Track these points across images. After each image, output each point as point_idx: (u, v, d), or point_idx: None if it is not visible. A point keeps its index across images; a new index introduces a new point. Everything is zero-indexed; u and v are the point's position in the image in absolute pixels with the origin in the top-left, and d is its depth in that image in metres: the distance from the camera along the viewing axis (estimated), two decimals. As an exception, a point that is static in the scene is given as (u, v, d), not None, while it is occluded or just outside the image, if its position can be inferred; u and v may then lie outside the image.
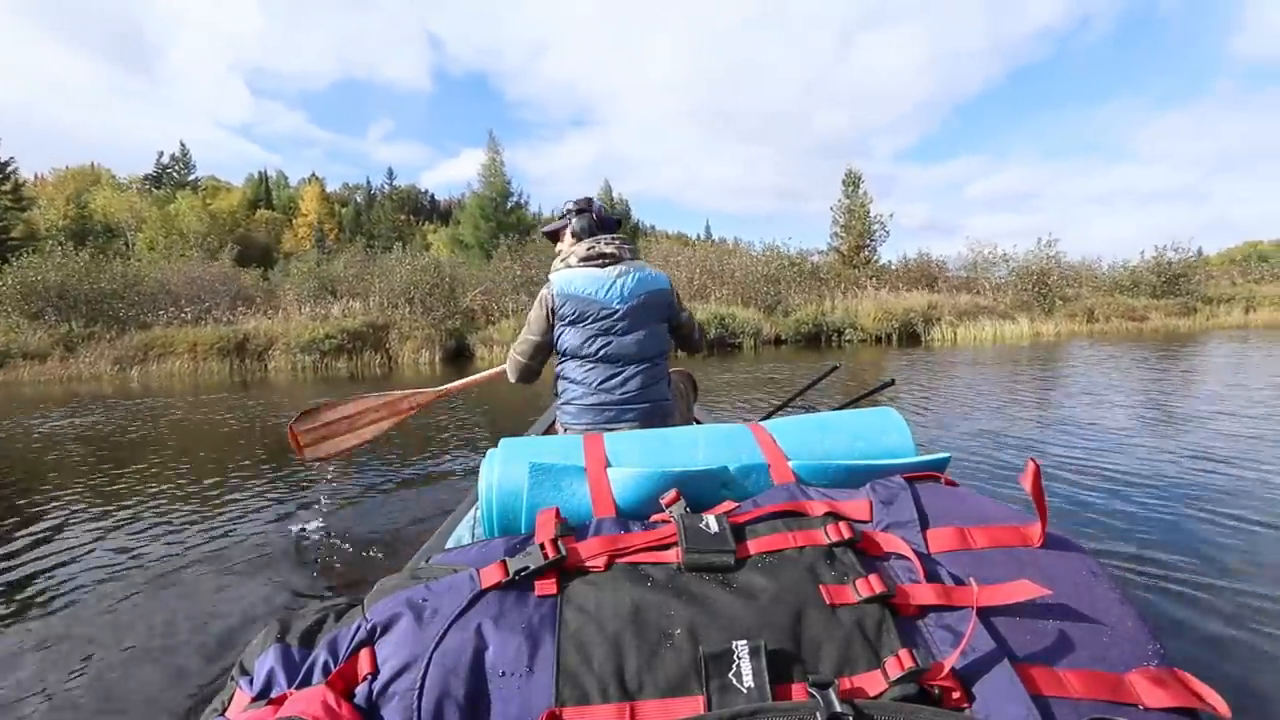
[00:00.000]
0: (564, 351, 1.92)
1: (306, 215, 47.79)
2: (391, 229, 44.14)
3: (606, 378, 1.86)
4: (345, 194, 58.93)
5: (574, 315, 1.85)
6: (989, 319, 17.18)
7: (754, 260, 20.19)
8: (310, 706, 0.59)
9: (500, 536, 0.89)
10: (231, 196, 47.06)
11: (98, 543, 2.89)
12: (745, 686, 0.60)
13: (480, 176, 27.01)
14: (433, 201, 65.43)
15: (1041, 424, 4.87)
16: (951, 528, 0.78)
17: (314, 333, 13.50)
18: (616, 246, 1.91)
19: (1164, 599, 2.04)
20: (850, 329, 16.79)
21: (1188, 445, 4.01)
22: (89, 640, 1.97)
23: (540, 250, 20.56)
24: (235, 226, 41.98)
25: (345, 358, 13.56)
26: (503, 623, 0.69)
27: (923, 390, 7.09)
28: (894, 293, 18.94)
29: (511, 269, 18.15)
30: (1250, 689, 1.59)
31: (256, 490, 3.70)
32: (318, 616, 0.75)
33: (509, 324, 15.19)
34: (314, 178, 52.13)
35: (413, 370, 12.75)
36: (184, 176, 46.39)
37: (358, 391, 10.01)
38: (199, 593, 2.32)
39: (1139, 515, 2.80)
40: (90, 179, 41.61)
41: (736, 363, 11.95)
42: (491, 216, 26.00)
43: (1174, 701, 0.57)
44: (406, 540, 2.67)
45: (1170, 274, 20.01)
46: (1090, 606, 0.67)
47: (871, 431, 1.07)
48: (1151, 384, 7.03)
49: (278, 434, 5.27)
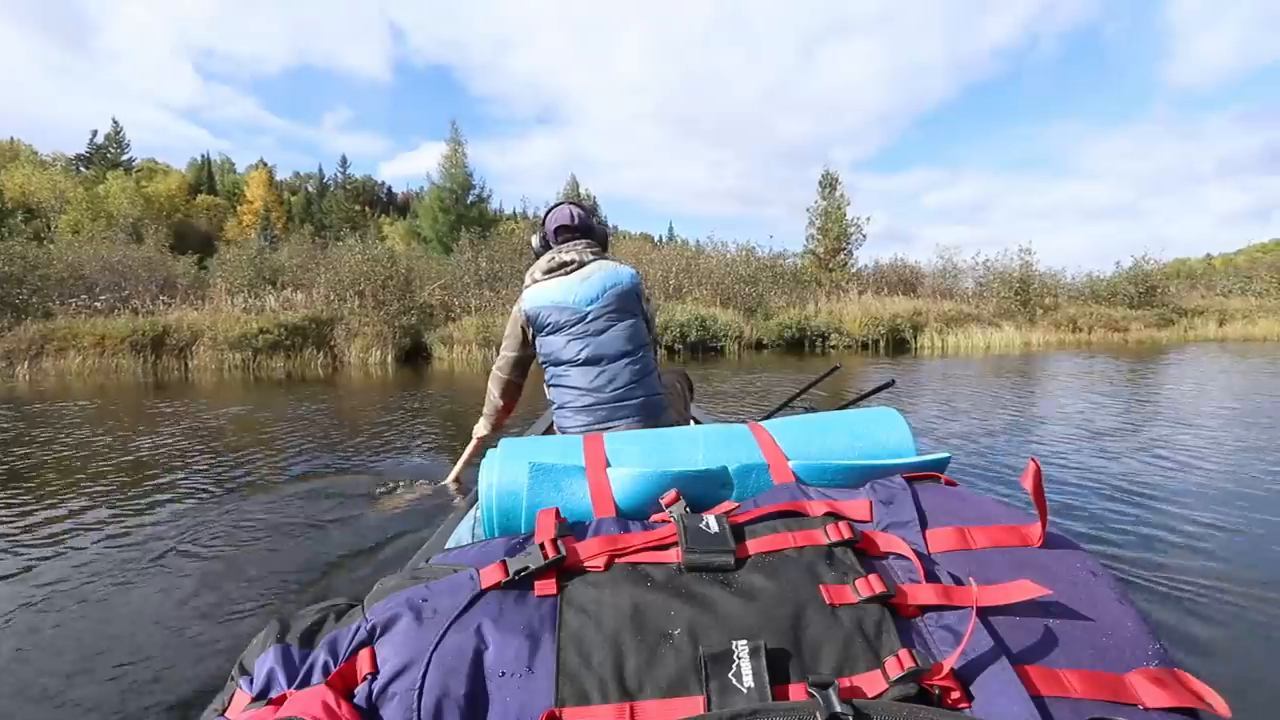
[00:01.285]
0: (548, 360, 1.94)
1: (252, 202, 45.13)
2: (345, 219, 41.69)
3: (594, 377, 1.86)
4: (296, 183, 56.03)
5: (549, 325, 1.89)
6: (977, 327, 16.56)
7: (732, 260, 19.18)
8: (310, 706, 0.59)
9: (500, 536, 0.87)
10: (170, 180, 44.12)
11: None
12: (745, 686, 0.60)
13: (440, 167, 25.44)
14: (390, 194, 63.10)
15: (1071, 438, 4.57)
16: (951, 528, 0.77)
17: (246, 327, 11.87)
18: (577, 251, 1.93)
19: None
20: (836, 334, 15.93)
21: (1195, 451, 4.06)
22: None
23: (506, 243, 19.19)
24: (174, 212, 39.40)
25: (283, 356, 11.98)
26: (502, 623, 0.68)
27: (933, 405, 6.45)
28: (876, 297, 18.22)
29: (474, 262, 16.75)
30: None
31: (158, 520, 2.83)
32: (318, 616, 0.75)
33: (471, 322, 13.80)
34: (261, 163, 49.24)
35: (361, 372, 11.27)
36: (117, 156, 43.15)
37: (293, 396, 7.62)
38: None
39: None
40: (8, 155, 38.12)
41: (718, 368, 10.93)
42: (451, 209, 24.68)
43: (1174, 702, 0.56)
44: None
45: (1148, 284, 19.88)
46: (1090, 606, 0.66)
47: (872, 431, 1.06)
48: (1158, 393, 6.98)
49: (204, 453, 4.32)
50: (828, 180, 24.88)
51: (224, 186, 51.20)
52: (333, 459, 4.06)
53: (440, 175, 25.34)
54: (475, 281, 16.30)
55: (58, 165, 39.40)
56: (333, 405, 6.77)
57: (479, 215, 25.13)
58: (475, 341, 13.20)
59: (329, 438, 4.81)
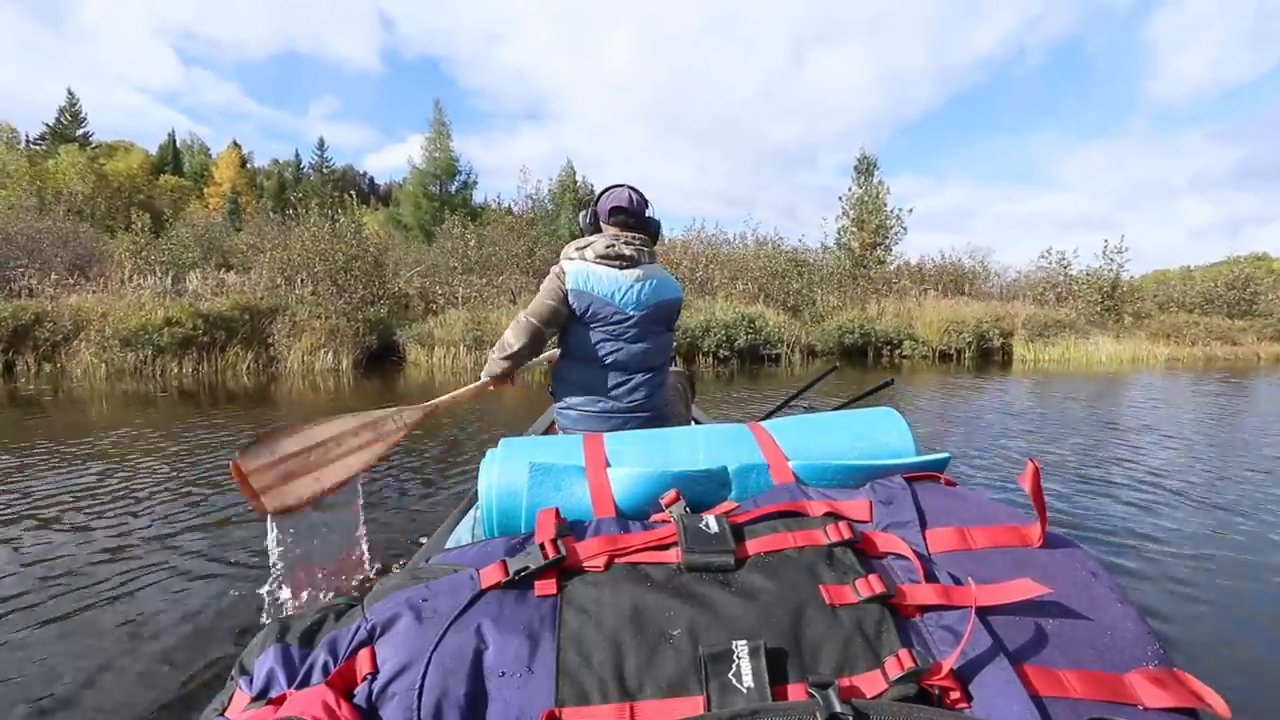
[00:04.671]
0: (569, 352, 1.84)
1: (220, 184, 41.61)
2: (320, 205, 38.22)
3: (614, 385, 1.79)
4: (273, 169, 52.33)
5: (584, 314, 1.76)
6: (1072, 336, 13.65)
7: (772, 252, 16.10)
8: (310, 706, 0.59)
9: (500, 536, 0.87)
10: (131, 158, 40.56)
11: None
12: (745, 686, 0.59)
13: (423, 150, 22.58)
14: (371, 184, 59.69)
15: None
16: (951, 528, 0.77)
17: (149, 316, 8.65)
18: (635, 248, 1.82)
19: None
20: (909, 341, 12.94)
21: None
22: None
23: (500, 221, 16.08)
24: (135, 192, 35.96)
25: (198, 357, 8.77)
26: (502, 623, 0.68)
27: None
28: (947, 298, 15.28)
29: (463, 240, 13.60)
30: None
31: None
32: (318, 616, 0.74)
33: (458, 316, 10.67)
34: (234, 145, 45.65)
35: (305, 381, 8.13)
36: (71, 131, 39.55)
37: (191, 420, 5.20)
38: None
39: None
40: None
41: (772, 385, 7.83)
42: (435, 196, 22.09)
43: (1174, 701, 0.56)
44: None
45: (1251, 290, 17.17)
46: (1090, 606, 0.66)
47: (871, 431, 1.06)
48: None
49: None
50: (864, 164, 21.40)
51: (192, 168, 47.66)
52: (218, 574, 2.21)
53: (423, 159, 22.60)
54: (465, 267, 13.15)
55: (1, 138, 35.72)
56: (241, 435, 4.53)
57: (463, 202, 22.58)
58: (463, 343, 10.07)
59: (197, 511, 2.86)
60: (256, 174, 49.52)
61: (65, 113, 40.76)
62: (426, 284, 12.83)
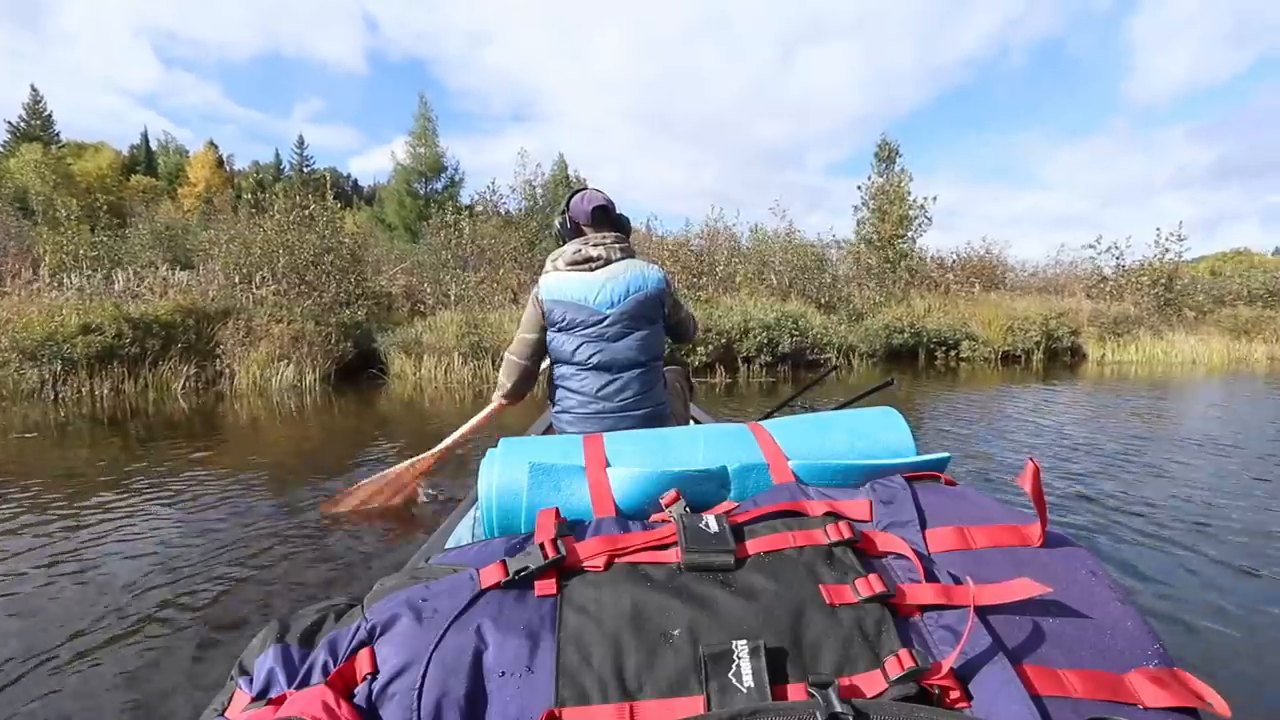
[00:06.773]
0: (557, 358, 1.86)
1: (195, 185, 39.51)
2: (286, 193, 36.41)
3: (602, 385, 1.79)
4: (253, 172, 50.28)
5: (563, 321, 1.80)
6: (1146, 333, 12.12)
7: (800, 246, 14.44)
8: (310, 706, 0.58)
9: (500, 536, 0.86)
10: (100, 157, 38.59)
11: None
12: (745, 686, 0.59)
13: (408, 147, 21.31)
14: (355, 186, 57.71)
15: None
16: (951, 527, 0.76)
17: (63, 322, 6.87)
18: (605, 247, 1.82)
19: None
20: (968, 341, 11.33)
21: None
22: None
23: (496, 219, 14.44)
24: (104, 193, 34.14)
25: (121, 374, 6.98)
26: (502, 623, 0.67)
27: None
28: (1008, 293, 13.72)
29: (454, 232, 11.89)
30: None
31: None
32: (317, 616, 0.73)
33: (451, 319, 8.92)
34: (210, 144, 43.60)
35: (260, 402, 6.39)
36: (34, 129, 37.49)
37: (95, 463, 4.33)
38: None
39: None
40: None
41: (822, 402, 6.11)
42: (421, 195, 21.13)
43: (1174, 701, 0.55)
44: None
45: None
46: (1090, 606, 0.65)
47: (871, 431, 1.05)
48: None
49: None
50: (885, 151, 19.75)
51: (166, 168, 45.60)
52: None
53: (408, 155, 21.43)
54: (458, 263, 11.43)
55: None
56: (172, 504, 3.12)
57: (450, 201, 21.43)
58: (458, 350, 8.30)
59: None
60: (235, 176, 47.55)
61: (29, 109, 38.71)
62: (413, 281, 11.10)
